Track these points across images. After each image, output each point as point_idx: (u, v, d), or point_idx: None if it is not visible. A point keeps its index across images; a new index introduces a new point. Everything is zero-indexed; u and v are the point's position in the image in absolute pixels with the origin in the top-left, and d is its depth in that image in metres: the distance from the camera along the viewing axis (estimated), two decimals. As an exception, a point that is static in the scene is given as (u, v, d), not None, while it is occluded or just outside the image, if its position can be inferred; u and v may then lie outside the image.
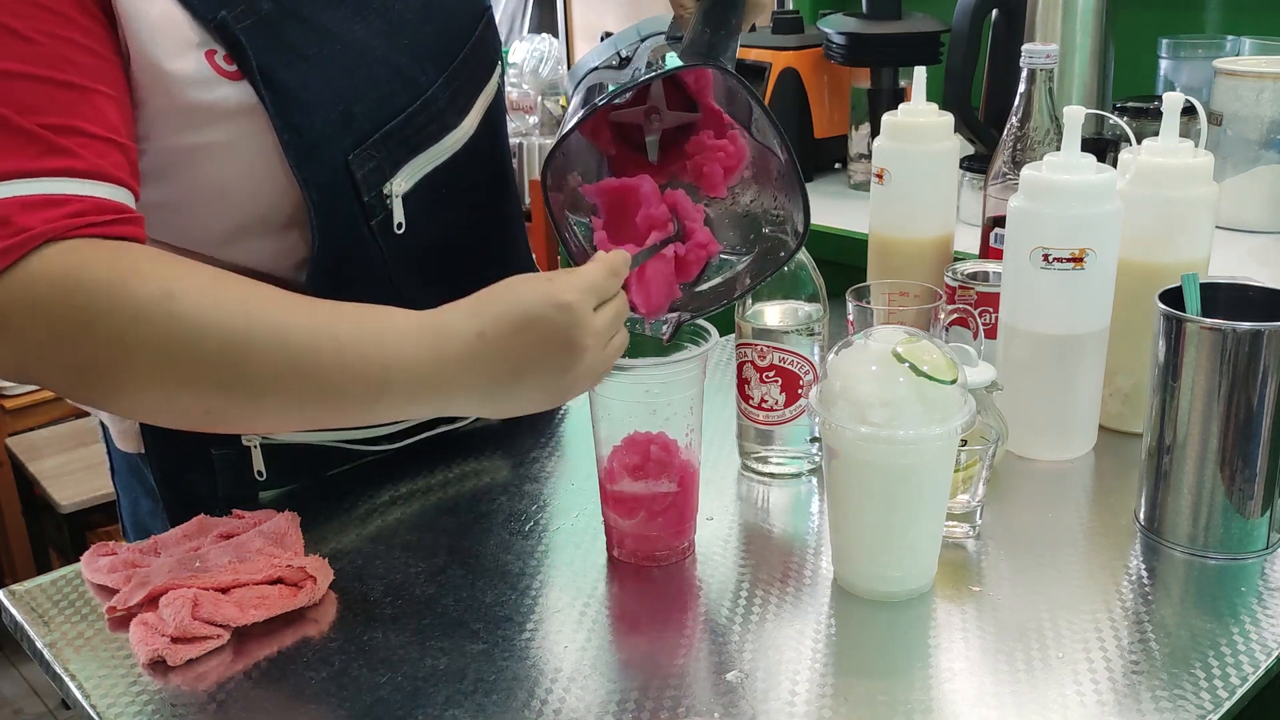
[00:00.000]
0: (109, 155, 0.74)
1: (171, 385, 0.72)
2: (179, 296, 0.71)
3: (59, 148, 0.71)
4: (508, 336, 0.74)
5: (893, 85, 1.75)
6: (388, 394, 0.74)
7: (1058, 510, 0.93)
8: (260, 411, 0.75)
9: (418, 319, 0.75)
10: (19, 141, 0.70)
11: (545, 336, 0.74)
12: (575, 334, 0.74)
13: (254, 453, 0.96)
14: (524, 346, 0.74)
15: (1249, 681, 0.72)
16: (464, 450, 1.07)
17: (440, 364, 0.74)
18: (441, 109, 0.92)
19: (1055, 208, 0.95)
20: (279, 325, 0.72)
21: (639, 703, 0.72)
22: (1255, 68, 1.46)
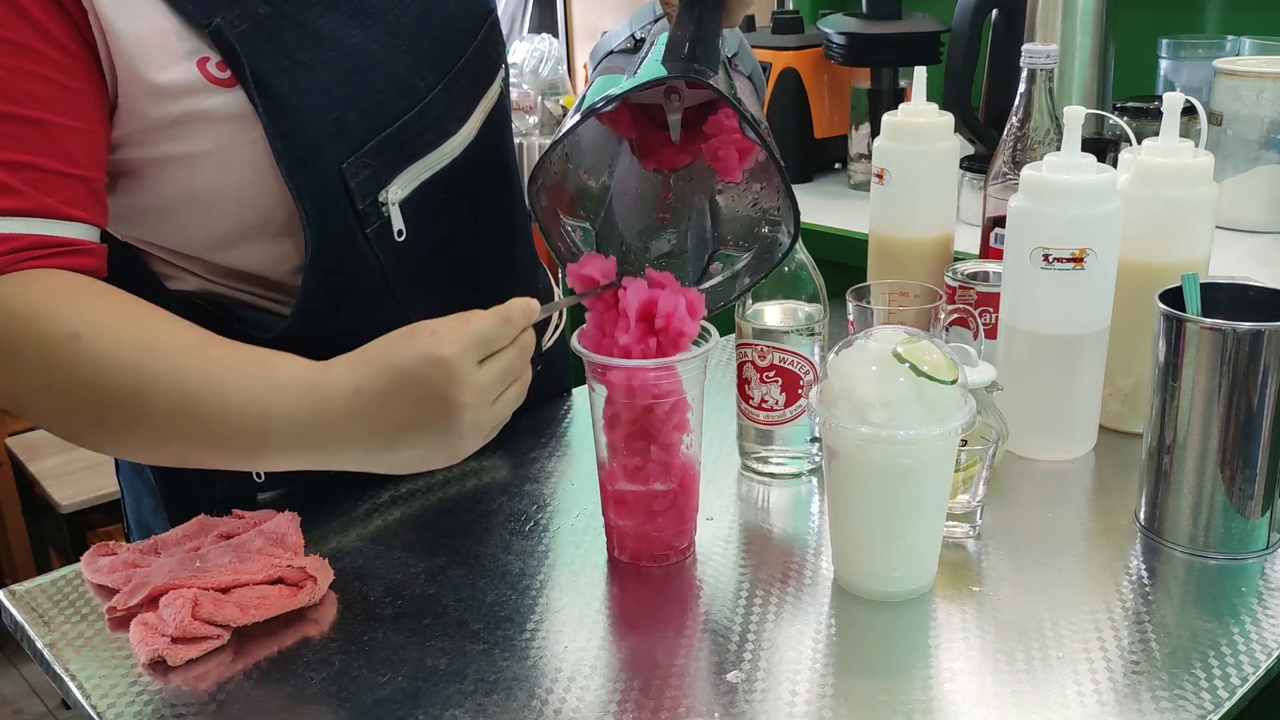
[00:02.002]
0: (61, 191, 0.75)
1: (79, 421, 0.75)
2: (85, 337, 0.72)
3: (6, 186, 0.73)
4: (383, 394, 0.72)
5: (893, 85, 1.75)
6: (267, 446, 0.74)
7: (1058, 510, 0.93)
8: (164, 449, 0.77)
9: (303, 372, 0.75)
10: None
11: (420, 395, 0.71)
12: (451, 391, 0.71)
13: None
14: (400, 405, 0.72)
15: (1249, 681, 0.72)
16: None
17: (319, 419, 0.73)
18: (440, 115, 0.91)
19: (1055, 208, 0.95)
20: (176, 371, 0.73)
21: (639, 703, 0.72)
22: (1255, 68, 1.46)
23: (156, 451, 0.78)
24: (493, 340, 0.73)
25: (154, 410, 0.73)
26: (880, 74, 1.75)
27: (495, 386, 0.74)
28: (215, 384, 0.73)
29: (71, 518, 2.24)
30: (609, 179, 0.94)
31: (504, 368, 0.74)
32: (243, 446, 0.75)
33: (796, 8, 2.13)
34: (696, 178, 0.93)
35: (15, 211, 0.73)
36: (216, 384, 0.73)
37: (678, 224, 0.94)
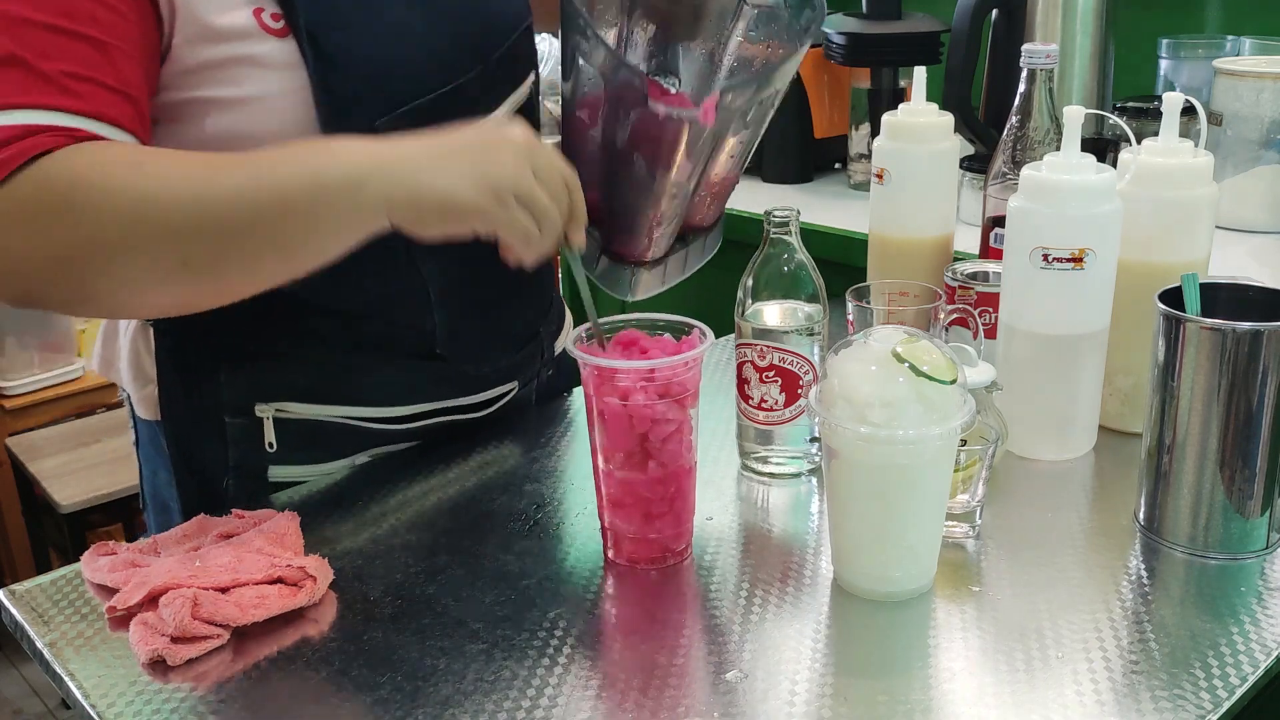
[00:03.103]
0: (117, 105, 0.81)
1: (153, 246, 0.78)
2: (147, 163, 0.79)
3: (70, 91, 0.78)
4: (458, 131, 0.82)
5: (893, 85, 1.75)
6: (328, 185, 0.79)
7: (1058, 510, 0.93)
8: (227, 255, 0.80)
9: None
10: (36, 81, 0.77)
11: (478, 130, 0.82)
12: (503, 129, 0.81)
13: (266, 424, 0.99)
14: (457, 134, 0.81)
15: (1249, 681, 0.72)
16: (464, 450, 1.07)
17: (384, 147, 0.80)
18: (472, 99, 0.94)
19: (1055, 208, 0.95)
20: (237, 163, 0.80)
21: (639, 703, 0.72)
22: (1255, 68, 1.46)
23: (230, 254, 0.80)
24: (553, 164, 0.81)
25: (229, 197, 0.78)
26: (880, 74, 1.75)
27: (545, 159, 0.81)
28: (285, 155, 0.80)
29: (71, 518, 2.24)
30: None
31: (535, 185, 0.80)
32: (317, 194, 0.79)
33: (796, 8, 2.13)
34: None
35: (76, 111, 0.79)
36: (287, 155, 0.80)
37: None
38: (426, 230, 0.80)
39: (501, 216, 0.79)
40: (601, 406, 0.84)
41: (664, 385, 0.82)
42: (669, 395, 0.83)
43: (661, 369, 0.82)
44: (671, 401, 0.83)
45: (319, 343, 0.99)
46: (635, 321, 0.89)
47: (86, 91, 0.79)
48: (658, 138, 0.91)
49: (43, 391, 2.45)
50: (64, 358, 2.49)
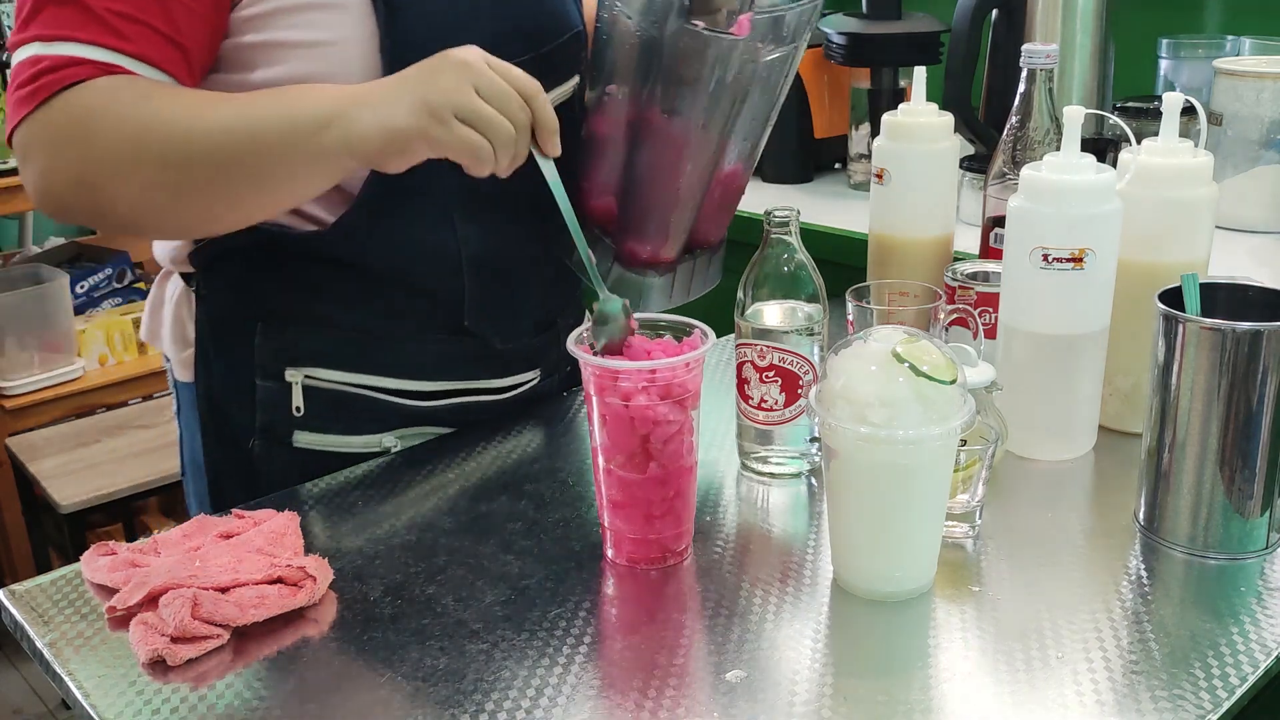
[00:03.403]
0: (162, 49, 0.87)
1: (149, 170, 0.86)
2: (155, 97, 0.86)
3: (118, 31, 0.85)
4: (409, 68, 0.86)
5: (893, 85, 1.75)
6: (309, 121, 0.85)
7: (1058, 510, 0.93)
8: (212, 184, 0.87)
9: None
10: (87, 18, 0.85)
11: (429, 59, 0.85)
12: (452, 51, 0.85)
13: (295, 388, 1.03)
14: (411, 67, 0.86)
15: (1249, 681, 0.72)
16: (464, 450, 1.07)
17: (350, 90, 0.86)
18: None
19: (1055, 208, 0.95)
20: (235, 101, 0.88)
21: (639, 703, 0.72)
22: (1255, 68, 1.46)
23: (216, 184, 0.87)
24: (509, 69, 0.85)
25: (213, 132, 0.85)
26: (880, 74, 1.75)
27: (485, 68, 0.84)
28: (266, 97, 0.87)
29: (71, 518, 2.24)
30: None
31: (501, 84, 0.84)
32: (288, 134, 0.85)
33: (796, 8, 2.13)
34: None
35: (119, 49, 0.86)
36: (267, 97, 0.87)
37: None
38: (386, 164, 0.86)
39: (442, 135, 0.83)
40: (603, 408, 0.84)
41: (665, 387, 0.82)
42: (670, 397, 0.83)
43: (663, 370, 0.82)
44: (673, 403, 0.83)
45: (351, 309, 1.03)
46: (638, 321, 0.89)
47: (134, 33, 0.85)
48: (689, 76, 0.96)
49: (43, 391, 2.45)
50: (64, 358, 2.49)
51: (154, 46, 0.86)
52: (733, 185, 1.08)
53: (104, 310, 2.66)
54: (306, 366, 1.03)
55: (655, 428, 0.83)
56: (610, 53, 1.02)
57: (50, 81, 0.84)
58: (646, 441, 0.83)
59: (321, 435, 1.05)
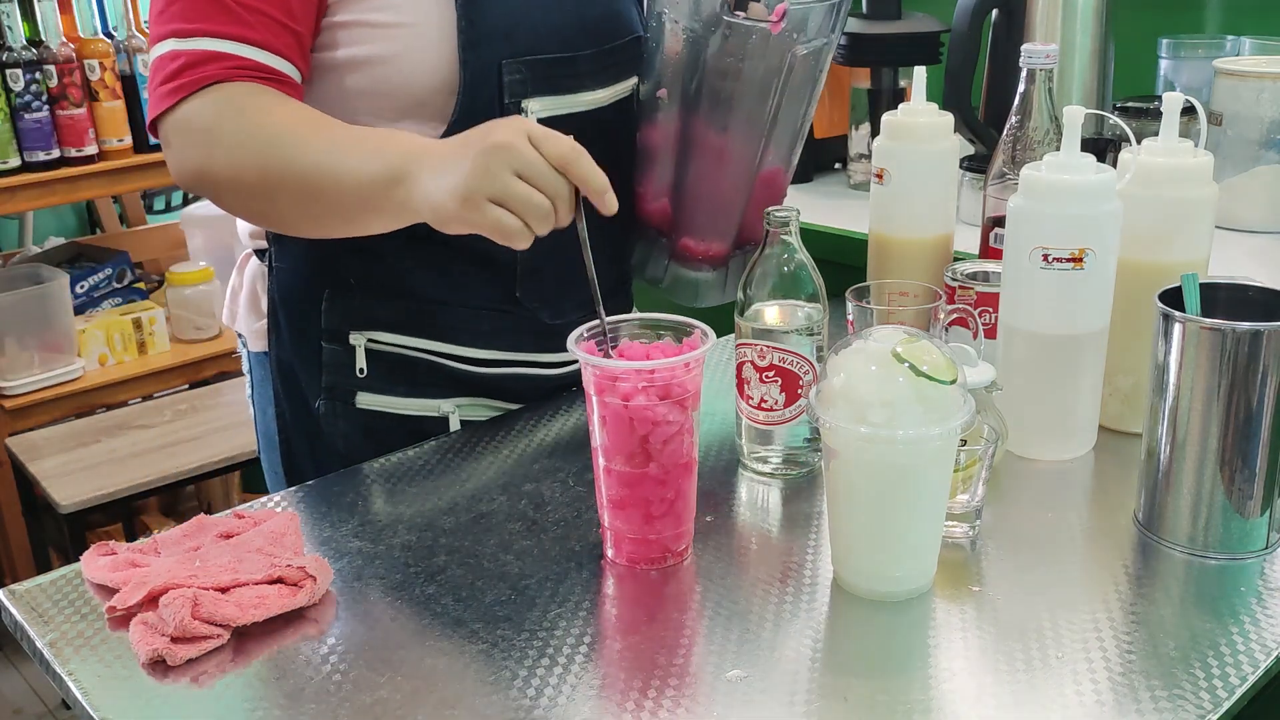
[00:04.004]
0: (281, 36, 0.97)
1: (253, 180, 0.95)
2: (273, 114, 0.95)
3: (243, 20, 0.95)
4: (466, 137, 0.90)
5: (893, 85, 1.75)
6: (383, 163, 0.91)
7: (1058, 510, 0.93)
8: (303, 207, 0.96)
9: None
10: (217, 10, 0.94)
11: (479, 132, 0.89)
12: (493, 124, 0.88)
13: (358, 351, 1.10)
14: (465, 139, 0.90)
15: (1248, 681, 0.72)
16: (465, 451, 1.07)
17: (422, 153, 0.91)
18: (584, 71, 1.08)
19: (1055, 208, 0.95)
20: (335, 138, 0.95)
21: (639, 702, 0.72)
22: (1255, 68, 1.46)
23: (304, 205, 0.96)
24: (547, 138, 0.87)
25: (307, 165, 0.93)
26: (880, 74, 1.75)
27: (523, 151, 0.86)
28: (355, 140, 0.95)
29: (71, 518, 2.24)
30: None
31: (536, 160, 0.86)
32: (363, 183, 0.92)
33: (796, 8, 2.13)
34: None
35: (242, 39, 0.95)
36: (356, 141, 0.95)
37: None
38: (447, 229, 0.90)
39: (476, 219, 0.87)
40: (603, 408, 0.84)
41: (664, 387, 0.82)
42: (670, 397, 0.83)
43: (662, 370, 0.82)
44: (673, 403, 0.83)
45: (412, 277, 1.09)
46: (638, 321, 0.89)
47: (256, 22, 0.95)
48: (733, 69, 1.05)
49: (43, 391, 2.45)
50: (64, 358, 2.49)
51: (275, 34, 0.96)
52: (775, 184, 1.17)
53: (104, 310, 2.66)
54: (369, 330, 1.10)
55: (655, 428, 0.83)
56: (658, 58, 1.11)
57: (190, 81, 0.94)
58: (646, 442, 0.83)
59: (383, 397, 1.11)
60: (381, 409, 1.11)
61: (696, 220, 1.15)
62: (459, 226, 0.89)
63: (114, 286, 2.74)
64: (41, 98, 2.39)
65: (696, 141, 1.11)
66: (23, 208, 2.52)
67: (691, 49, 1.07)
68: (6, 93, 2.35)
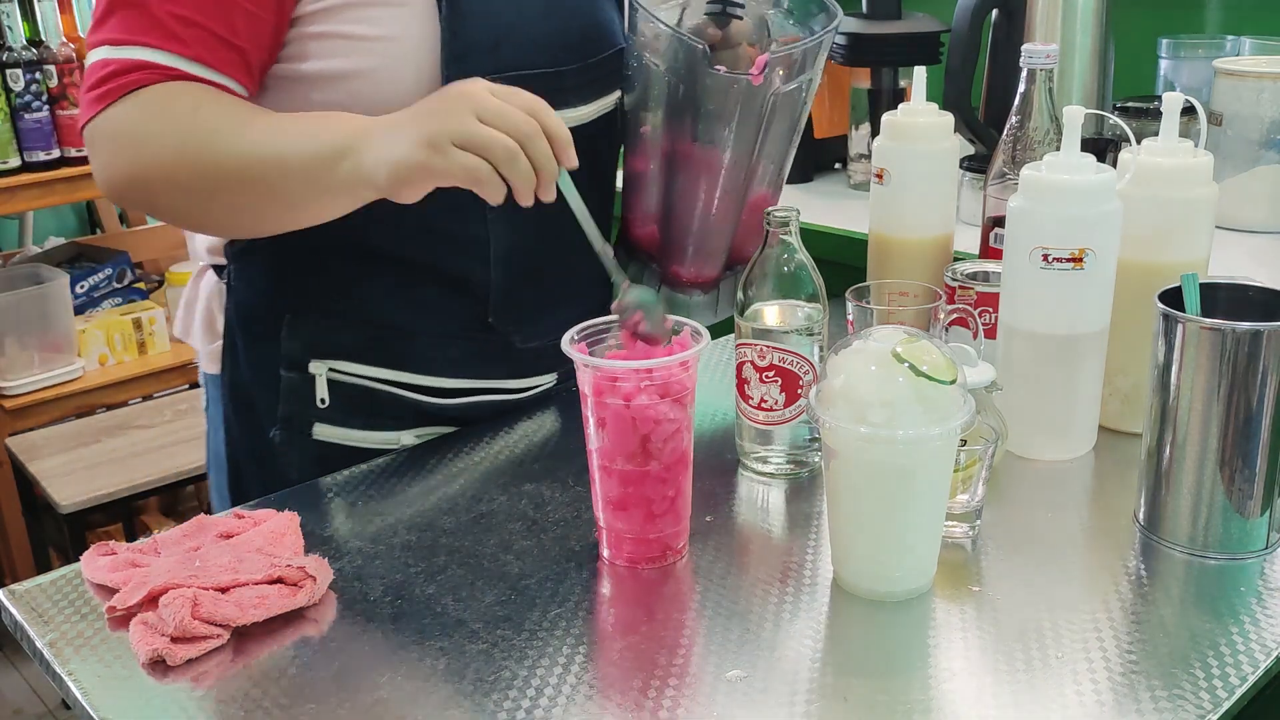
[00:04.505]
0: (219, 51, 0.92)
1: (189, 179, 0.91)
2: (201, 110, 0.90)
3: (178, 36, 0.90)
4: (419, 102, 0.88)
5: (893, 85, 1.75)
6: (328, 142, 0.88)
7: (1058, 510, 0.93)
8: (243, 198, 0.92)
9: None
10: (149, 23, 0.90)
11: (435, 93, 0.88)
12: (452, 86, 0.87)
13: (319, 380, 1.05)
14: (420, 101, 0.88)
15: (1248, 681, 0.72)
16: (464, 450, 1.07)
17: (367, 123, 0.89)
18: (569, 86, 1.03)
19: (1055, 208, 0.95)
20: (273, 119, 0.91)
21: (639, 702, 0.72)
22: (1255, 68, 1.46)
23: (245, 198, 0.92)
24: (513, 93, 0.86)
25: (245, 153, 0.89)
26: (880, 74, 1.75)
27: (488, 97, 0.85)
28: (294, 122, 0.91)
29: (71, 518, 2.24)
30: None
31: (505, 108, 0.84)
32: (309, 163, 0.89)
33: (796, 8, 2.13)
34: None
35: (178, 53, 0.91)
36: (295, 122, 0.91)
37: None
38: (397, 195, 0.87)
39: (440, 163, 0.84)
40: (602, 410, 0.84)
41: (665, 385, 0.82)
42: (669, 395, 0.83)
43: (661, 369, 0.82)
44: (673, 401, 0.83)
45: (379, 303, 1.05)
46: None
47: (192, 37, 0.90)
48: (716, 114, 1.03)
49: (43, 391, 2.45)
50: (64, 358, 2.49)
51: (211, 50, 0.91)
52: (764, 208, 1.13)
53: (104, 310, 2.66)
54: (331, 359, 1.05)
55: (656, 427, 0.83)
56: (642, 95, 1.08)
57: (116, 86, 0.90)
58: (648, 441, 0.83)
59: (341, 429, 1.07)
60: (338, 441, 1.07)
61: (685, 249, 1.13)
62: (421, 182, 0.86)
63: (114, 286, 2.74)
64: (42, 98, 2.39)
65: (682, 175, 1.09)
66: (23, 208, 2.52)
67: (674, 91, 1.05)
68: (6, 93, 2.36)
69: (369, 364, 1.06)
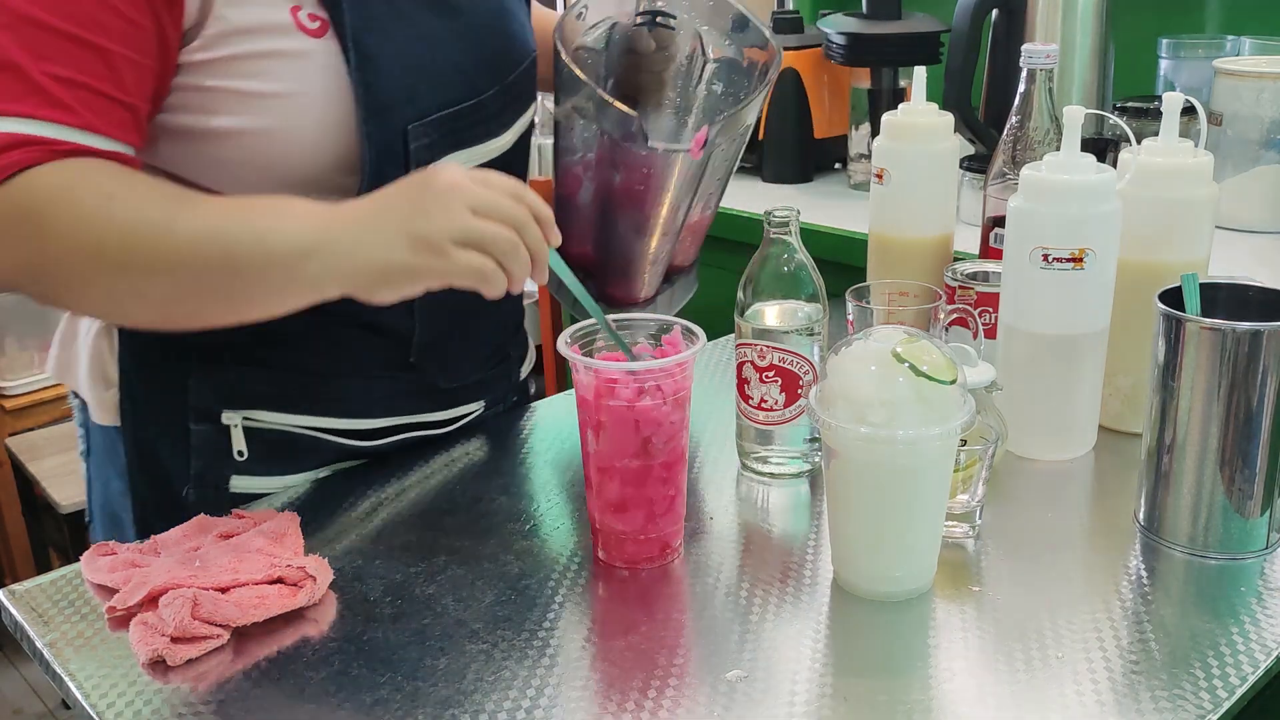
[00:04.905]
0: (109, 114, 0.81)
1: (109, 277, 0.80)
2: (118, 197, 0.79)
3: (60, 102, 0.79)
4: (386, 193, 0.82)
5: (893, 85, 1.75)
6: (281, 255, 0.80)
7: (1058, 510, 0.93)
8: (189, 296, 0.82)
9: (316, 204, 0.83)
10: (27, 88, 0.78)
11: (409, 183, 0.81)
12: (431, 173, 0.80)
13: (234, 432, 0.97)
14: (398, 193, 0.81)
15: (1249, 681, 0.72)
16: (465, 450, 1.07)
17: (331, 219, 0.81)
18: (489, 115, 0.98)
19: (1055, 208, 0.95)
20: (201, 213, 0.81)
21: (639, 703, 0.72)
22: (1255, 68, 1.46)
23: (181, 298, 0.82)
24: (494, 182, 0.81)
25: (181, 249, 0.79)
26: (880, 74, 1.75)
27: (476, 192, 0.80)
28: (239, 214, 0.81)
29: (71, 518, 2.24)
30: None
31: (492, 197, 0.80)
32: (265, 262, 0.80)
33: (796, 8, 2.13)
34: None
35: (64, 123, 0.79)
36: (240, 214, 0.81)
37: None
38: (381, 297, 0.81)
39: (445, 266, 0.79)
40: (602, 413, 0.83)
41: (665, 386, 0.82)
42: (672, 396, 0.83)
43: (661, 370, 0.82)
44: (674, 402, 0.83)
45: (294, 348, 0.97)
46: (615, 323, 0.88)
47: (78, 101, 0.79)
48: (651, 176, 0.98)
49: (43, 391, 2.45)
50: (64, 358, 2.49)
51: (100, 114, 0.80)
52: (700, 227, 1.13)
53: (104, 310, 2.66)
54: (246, 409, 0.97)
55: (658, 428, 0.83)
56: (572, 141, 1.04)
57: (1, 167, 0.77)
58: (649, 442, 0.83)
59: (261, 479, 1.00)
60: (258, 491, 0.99)
61: (617, 278, 1.08)
62: (412, 285, 0.80)
63: (114, 286, 2.74)
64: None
65: (614, 216, 1.03)
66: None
67: (605, 146, 0.99)
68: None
69: (288, 411, 0.99)
